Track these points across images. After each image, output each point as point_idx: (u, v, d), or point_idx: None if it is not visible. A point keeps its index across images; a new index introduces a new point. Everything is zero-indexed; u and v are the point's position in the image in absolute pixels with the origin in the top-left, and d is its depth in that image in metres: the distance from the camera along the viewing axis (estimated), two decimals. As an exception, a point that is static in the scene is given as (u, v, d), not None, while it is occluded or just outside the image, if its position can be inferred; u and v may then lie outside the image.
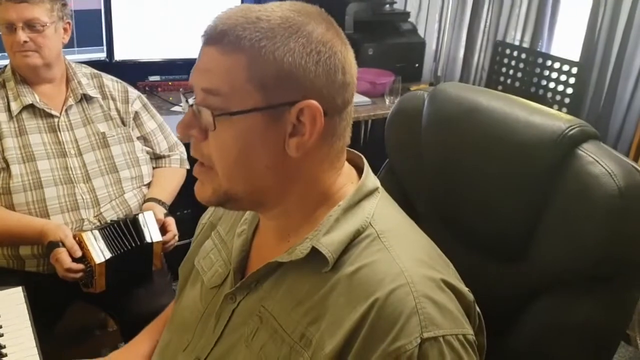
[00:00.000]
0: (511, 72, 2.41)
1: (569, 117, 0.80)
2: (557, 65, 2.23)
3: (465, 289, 0.68)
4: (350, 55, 0.68)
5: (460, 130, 0.87)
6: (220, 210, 0.87)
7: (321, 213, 0.69)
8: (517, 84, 2.40)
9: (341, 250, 0.66)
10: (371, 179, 0.73)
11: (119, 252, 1.34)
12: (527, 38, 2.41)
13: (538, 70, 2.30)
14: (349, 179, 0.72)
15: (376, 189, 0.72)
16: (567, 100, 2.23)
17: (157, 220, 1.42)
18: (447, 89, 0.92)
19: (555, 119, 0.79)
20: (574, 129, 0.77)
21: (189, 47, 2.34)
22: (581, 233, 0.75)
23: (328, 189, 0.70)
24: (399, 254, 0.65)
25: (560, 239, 0.77)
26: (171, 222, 1.46)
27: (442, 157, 0.90)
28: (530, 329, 0.81)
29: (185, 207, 2.08)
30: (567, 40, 2.40)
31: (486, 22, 2.57)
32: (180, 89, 2.26)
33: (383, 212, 0.70)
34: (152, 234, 1.39)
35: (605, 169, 0.73)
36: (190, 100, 0.66)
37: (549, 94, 2.28)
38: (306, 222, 0.70)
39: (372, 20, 2.50)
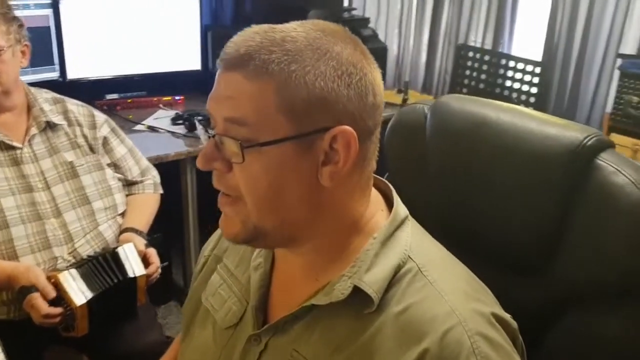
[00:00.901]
0: (475, 74, 2.44)
1: (581, 126, 0.78)
2: (520, 65, 2.28)
3: (508, 316, 0.66)
4: (378, 75, 0.64)
5: (469, 144, 0.84)
6: (225, 241, 0.80)
7: (355, 247, 0.65)
8: (481, 85, 2.43)
9: (385, 288, 0.62)
10: (401, 207, 0.69)
11: (100, 290, 1.24)
12: (489, 40, 2.45)
13: (502, 71, 2.34)
14: (378, 207, 0.69)
15: (406, 217, 0.69)
16: (532, 99, 2.27)
17: (138, 252, 1.33)
18: (449, 102, 0.89)
19: (569, 129, 0.77)
20: (591, 138, 0.75)
21: (145, 61, 2.25)
22: (607, 244, 0.73)
23: (359, 219, 0.66)
24: (444, 289, 0.62)
25: (584, 251, 0.75)
26: (153, 252, 1.38)
27: (450, 170, 0.87)
28: (557, 346, 0.78)
29: (156, 231, 1.98)
30: (527, 41, 2.45)
31: (447, 25, 2.60)
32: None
33: (419, 243, 0.67)
34: (134, 267, 1.30)
35: (629, 178, 0.72)
36: (207, 129, 0.61)
37: (514, 94, 2.32)
38: (339, 256, 0.65)
39: (333, 27, 2.47)
